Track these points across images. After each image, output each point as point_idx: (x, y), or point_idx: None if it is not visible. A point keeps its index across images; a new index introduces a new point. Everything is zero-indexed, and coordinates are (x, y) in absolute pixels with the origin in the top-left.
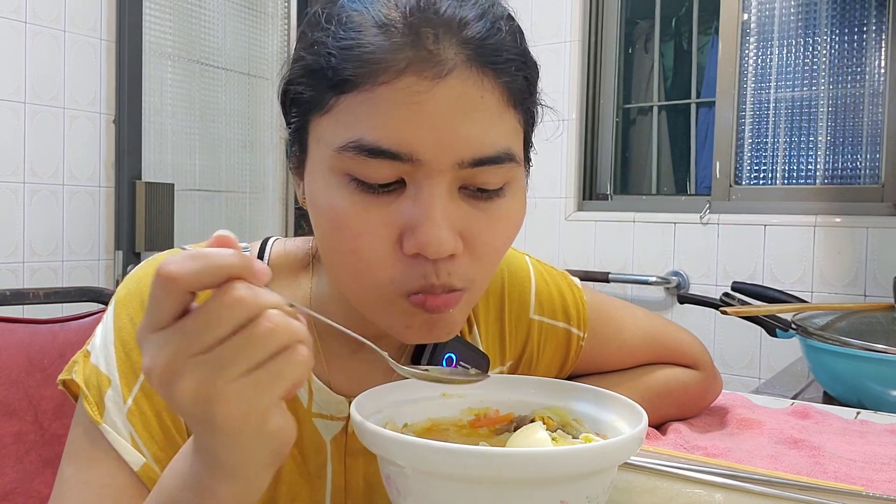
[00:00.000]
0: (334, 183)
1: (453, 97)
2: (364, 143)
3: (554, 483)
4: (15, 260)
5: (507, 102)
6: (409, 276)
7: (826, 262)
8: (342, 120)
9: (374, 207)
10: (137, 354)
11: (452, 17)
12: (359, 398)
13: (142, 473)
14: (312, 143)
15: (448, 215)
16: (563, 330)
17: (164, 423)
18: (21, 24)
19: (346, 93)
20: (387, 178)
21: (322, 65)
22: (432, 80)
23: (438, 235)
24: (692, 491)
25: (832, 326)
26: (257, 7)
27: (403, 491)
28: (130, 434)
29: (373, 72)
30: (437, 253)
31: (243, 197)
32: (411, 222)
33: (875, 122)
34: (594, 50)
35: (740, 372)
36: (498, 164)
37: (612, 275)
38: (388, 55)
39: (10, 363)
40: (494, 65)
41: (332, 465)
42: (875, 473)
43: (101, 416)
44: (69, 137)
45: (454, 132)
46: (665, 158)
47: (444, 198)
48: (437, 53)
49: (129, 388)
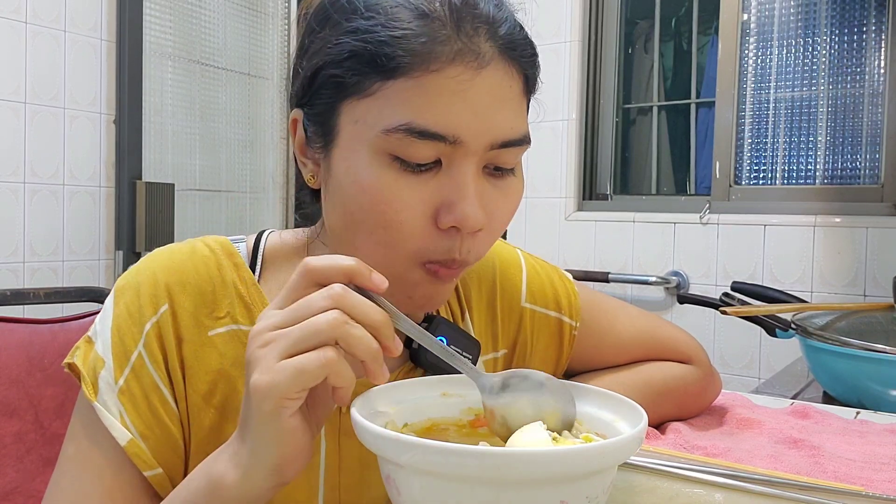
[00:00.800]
0: (376, 162)
1: (491, 86)
2: (414, 126)
3: (554, 483)
4: (15, 260)
5: (524, 91)
6: (437, 247)
7: (826, 262)
8: (390, 103)
9: (414, 185)
10: (130, 340)
11: (488, 15)
12: (359, 398)
13: (128, 448)
14: (347, 123)
15: (478, 193)
16: (556, 319)
17: (151, 403)
18: (21, 24)
19: (393, 78)
20: (428, 157)
21: (371, 51)
22: (475, 70)
23: (475, 212)
24: (692, 491)
25: (832, 326)
26: (257, 7)
27: (403, 491)
28: (120, 412)
29: (424, 60)
30: (473, 226)
31: (243, 197)
32: (449, 199)
33: (875, 122)
34: (594, 50)
35: (740, 372)
36: (520, 146)
37: (611, 275)
38: (437, 46)
39: (11, 363)
40: (520, 58)
41: (327, 443)
42: (875, 473)
43: (95, 396)
44: (69, 137)
45: (492, 118)
46: (665, 158)
47: (476, 176)
48: (478, 46)
49: (120, 370)
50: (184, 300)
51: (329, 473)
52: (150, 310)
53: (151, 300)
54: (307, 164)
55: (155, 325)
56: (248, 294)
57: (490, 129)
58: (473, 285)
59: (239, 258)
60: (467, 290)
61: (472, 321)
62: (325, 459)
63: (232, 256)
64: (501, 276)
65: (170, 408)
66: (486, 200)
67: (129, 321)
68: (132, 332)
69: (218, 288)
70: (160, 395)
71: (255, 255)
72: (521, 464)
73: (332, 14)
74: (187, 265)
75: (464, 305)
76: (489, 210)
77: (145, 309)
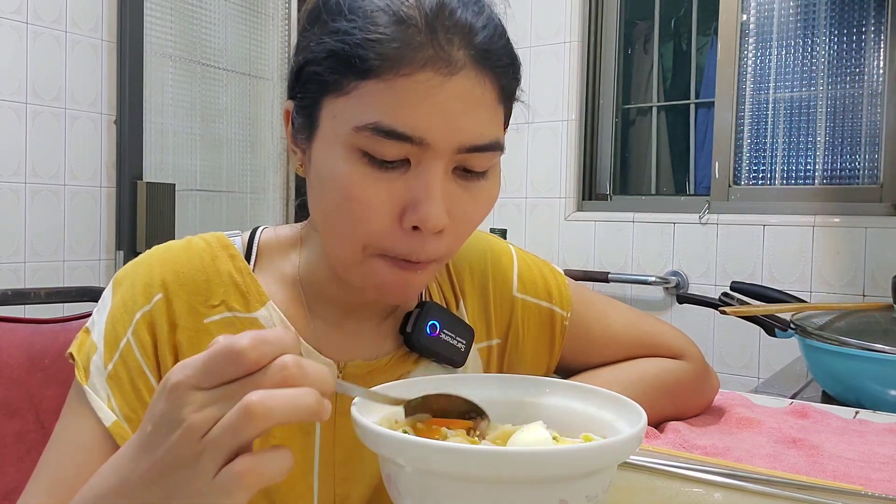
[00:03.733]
0: (347, 157)
1: (460, 92)
2: (382, 126)
3: (554, 482)
4: (16, 260)
5: (499, 99)
6: (398, 247)
7: (825, 262)
8: (362, 102)
9: (382, 182)
10: (121, 327)
11: (465, 24)
12: (359, 398)
13: (112, 429)
14: (326, 118)
15: (444, 194)
16: (547, 309)
17: (136, 387)
18: (22, 25)
19: (367, 79)
20: (396, 156)
21: (348, 52)
22: (445, 76)
23: (437, 212)
24: (691, 490)
25: (831, 326)
26: (257, 8)
27: (403, 490)
28: (108, 395)
29: (395, 64)
30: (434, 227)
31: (244, 197)
32: (414, 199)
33: (874, 122)
34: (594, 50)
35: (739, 371)
36: (489, 151)
37: (611, 275)
38: (409, 52)
39: (12, 363)
40: (494, 68)
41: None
42: (873, 473)
43: (86, 379)
44: (70, 138)
45: (459, 122)
46: (664, 159)
47: (442, 177)
48: (450, 54)
49: (110, 356)
50: (178, 290)
51: (324, 448)
52: (143, 299)
53: (145, 290)
54: (296, 152)
55: (146, 314)
56: (243, 282)
57: (457, 133)
58: (466, 274)
59: (234, 249)
60: (461, 278)
61: (466, 308)
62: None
63: (227, 248)
64: (493, 265)
65: (153, 391)
66: (453, 202)
67: (122, 310)
68: (123, 321)
69: (212, 277)
70: (146, 380)
71: (249, 247)
72: (521, 463)
73: (322, 14)
74: (182, 257)
75: (458, 293)
76: (455, 212)
77: (138, 298)
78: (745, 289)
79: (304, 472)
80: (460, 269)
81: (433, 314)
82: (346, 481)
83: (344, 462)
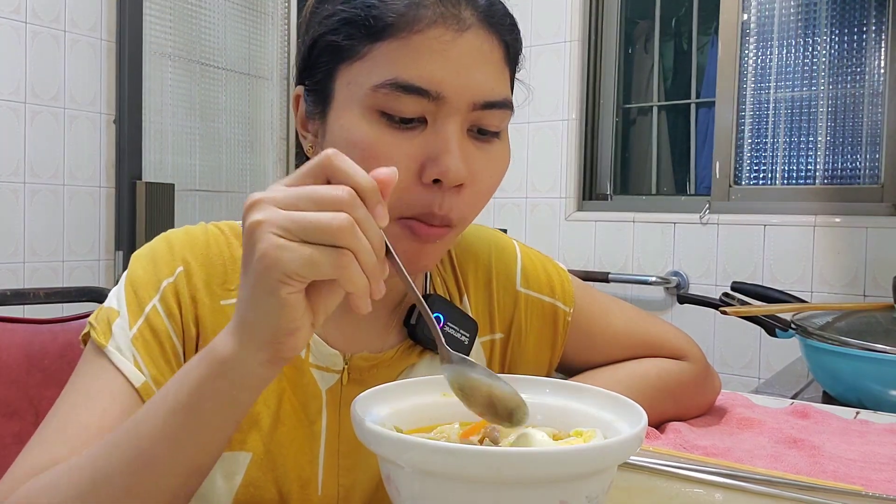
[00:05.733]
0: (367, 118)
1: (471, 48)
2: (399, 81)
3: (553, 483)
4: (15, 260)
5: (505, 60)
6: (417, 201)
7: (825, 262)
8: (377, 63)
9: (401, 140)
10: (145, 293)
11: None
12: (359, 398)
13: (142, 390)
14: (341, 87)
15: (462, 150)
16: (550, 304)
17: (164, 349)
18: (21, 24)
19: (381, 40)
20: (413, 112)
21: (361, 15)
22: (456, 32)
23: (457, 164)
24: (692, 490)
25: (831, 326)
26: (257, 7)
27: (403, 491)
28: (133, 356)
29: (409, 21)
30: (455, 179)
31: (244, 197)
32: (433, 153)
33: (874, 122)
34: (594, 50)
35: (740, 372)
36: (502, 108)
37: (611, 275)
38: (421, 10)
39: (11, 363)
40: (500, 27)
41: (328, 413)
42: (874, 473)
43: (106, 341)
44: (69, 137)
45: (472, 77)
46: (665, 158)
47: (459, 134)
48: (458, 12)
49: (135, 319)
50: (198, 269)
51: (330, 440)
52: (167, 270)
53: (168, 263)
54: (307, 136)
55: (172, 284)
56: None
57: (471, 87)
58: (470, 267)
59: None
60: (464, 271)
61: (470, 302)
62: (326, 428)
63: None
64: (497, 259)
65: (178, 353)
66: (471, 160)
67: (145, 278)
68: (147, 288)
69: (228, 263)
70: (172, 345)
71: None
72: (520, 464)
73: None
74: (200, 240)
75: (461, 287)
76: (473, 169)
77: (161, 269)
78: (746, 289)
79: (310, 461)
80: (464, 263)
81: (437, 307)
82: (351, 472)
83: (348, 453)
